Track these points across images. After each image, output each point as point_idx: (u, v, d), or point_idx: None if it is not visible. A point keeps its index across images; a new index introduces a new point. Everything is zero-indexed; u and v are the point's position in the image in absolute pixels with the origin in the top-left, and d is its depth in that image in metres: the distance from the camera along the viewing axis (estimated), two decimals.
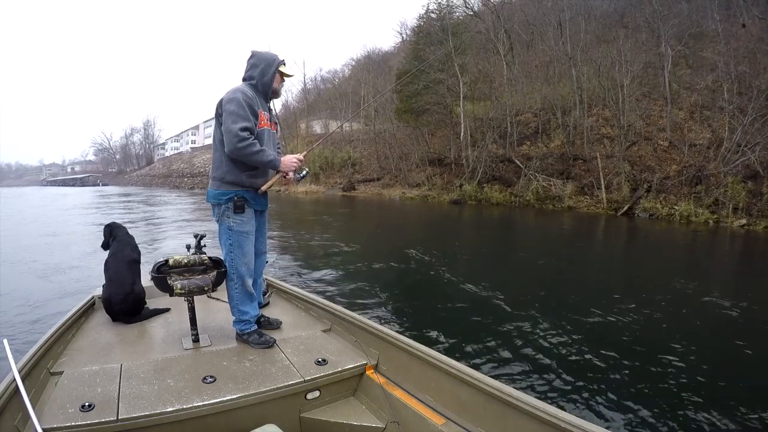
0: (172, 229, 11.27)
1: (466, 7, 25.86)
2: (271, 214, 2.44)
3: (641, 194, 14.98)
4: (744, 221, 12.11)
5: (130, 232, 2.75)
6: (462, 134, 21.65)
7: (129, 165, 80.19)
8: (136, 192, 38.21)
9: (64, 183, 79.29)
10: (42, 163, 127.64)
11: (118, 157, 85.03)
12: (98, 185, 68.20)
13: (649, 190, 14.94)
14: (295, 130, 37.91)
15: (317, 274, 6.10)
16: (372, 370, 1.90)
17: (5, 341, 1.55)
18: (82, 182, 75.21)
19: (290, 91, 43.97)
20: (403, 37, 35.42)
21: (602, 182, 16.10)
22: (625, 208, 14.91)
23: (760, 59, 15.27)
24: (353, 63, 40.03)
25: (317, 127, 36.92)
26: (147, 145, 79.20)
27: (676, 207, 13.67)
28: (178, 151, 70.48)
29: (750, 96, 14.14)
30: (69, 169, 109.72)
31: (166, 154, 74.74)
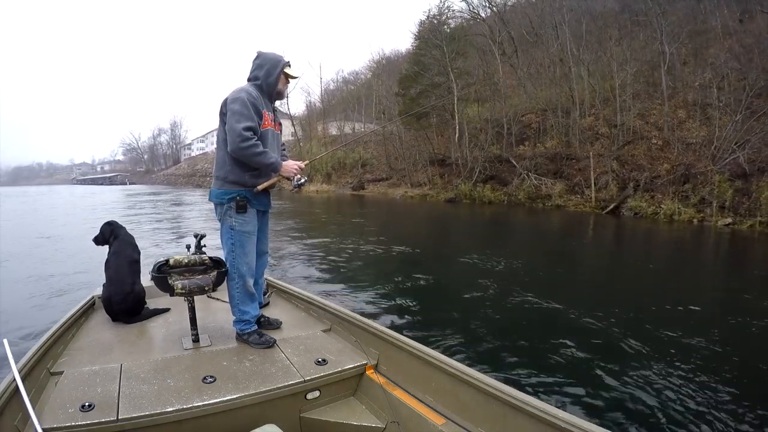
0: (187, 225, 11.57)
1: (470, 10, 26.11)
2: (280, 211, 2.46)
3: (629, 193, 15.07)
4: (729, 220, 12.06)
5: (148, 225, 2.76)
6: (457, 136, 22.08)
7: (156, 165, 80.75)
8: (161, 190, 39.25)
9: (93, 182, 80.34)
10: (72, 162, 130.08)
11: (146, 156, 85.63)
12: (126, 184, 68.97)
13: (636, 189, 15.01)
14: (309, 132, 38.34)
15: (313, 272, 6.12)
16: (372, 370, 1.90)
17: (5, 341, 1.55)
18: (111, 181, 76.27)
19: (312, 93, 44.57)
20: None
21: (592, 181, 16.24)
22: (611, 206, 15.06)
23: (757, 56, 15.27)
24: (373, 65, 40.85)
25: (333, 129, 37.49)
26: (174, 146, 79.85)
27: (662, 206, 13.76)
28: (204, 151, 71.10)
29: (742, 94, 14.18)
30: (98, 169, 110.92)
31: (192, 154, 75.12)
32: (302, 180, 2.24)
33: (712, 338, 3.78)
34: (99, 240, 2.71)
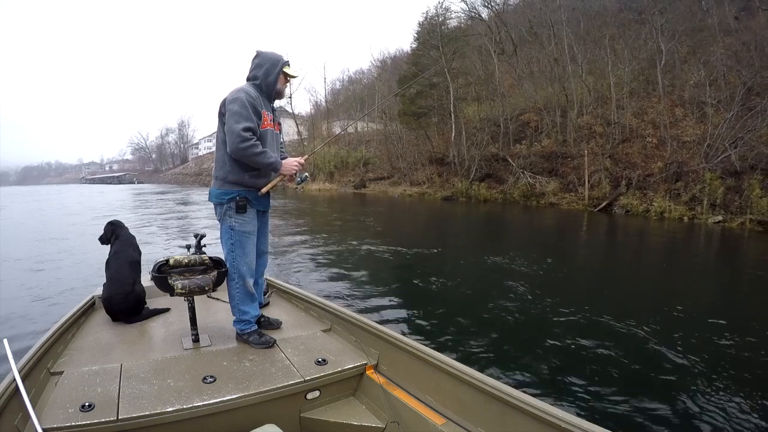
0: (192, 224, 11.66)
1: (470, 11, 26.17)
2: (282, 210, 2.46)
3: (621, 191, 15.16)
4: (720, 218, 12.08)
5: (153, 225, 2.77)
6: (453, 135, 22.33)
7: (164, 164, 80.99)
8: (168, 189, 39.60)
9: (102, 181, 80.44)
10: (81, 161, 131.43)
11: (154, 156, 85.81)
12: (134, 183, 69.33)
13: (629, 187, 15.09)
14: (313, 132, 38.44)
15: (313, 272, 6.13)
16: (372, 370, 1.90)
17: (5, 341, 1.55)
18: (119, 180, 76.55)
19: (317, 93, 44.69)
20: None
21: (585, 179, 16.33)
22: (603, 204, 15.18)
23: (753, 53, 15.24)
24: (378, 65, 41.46)
25: (337, 129, 37.76)
26: (181, 145, 79.90)
27: (653, 203, 13.84)
28: (211, 150, 71.06)
29: (735, 92, 14.21)
30: (107, 168, 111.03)
31: (200, 153, 75.15)
32: (304, 175, 2.24)
33: (711, 337, 3.78)
34: (103, 239, 2.74)
